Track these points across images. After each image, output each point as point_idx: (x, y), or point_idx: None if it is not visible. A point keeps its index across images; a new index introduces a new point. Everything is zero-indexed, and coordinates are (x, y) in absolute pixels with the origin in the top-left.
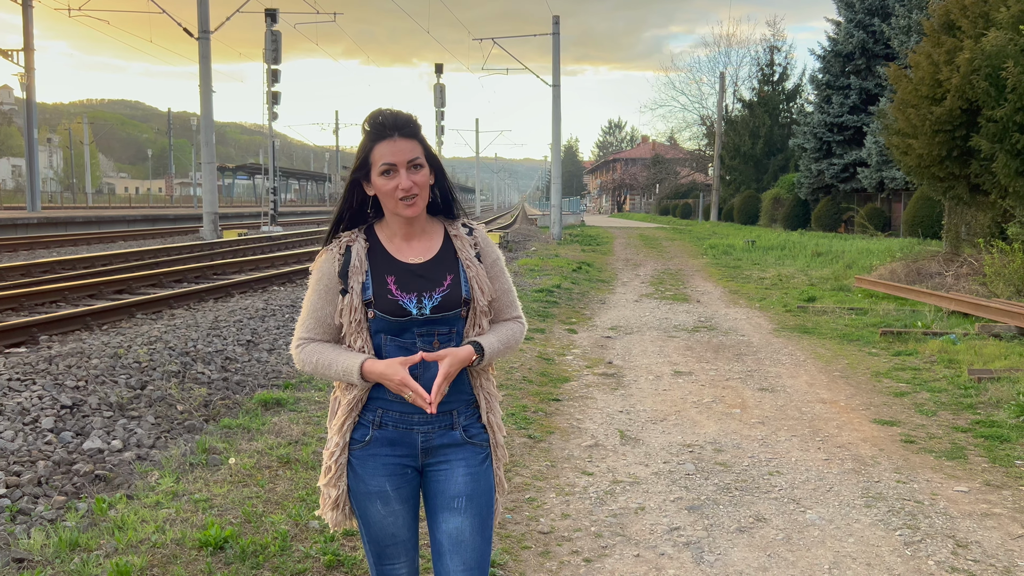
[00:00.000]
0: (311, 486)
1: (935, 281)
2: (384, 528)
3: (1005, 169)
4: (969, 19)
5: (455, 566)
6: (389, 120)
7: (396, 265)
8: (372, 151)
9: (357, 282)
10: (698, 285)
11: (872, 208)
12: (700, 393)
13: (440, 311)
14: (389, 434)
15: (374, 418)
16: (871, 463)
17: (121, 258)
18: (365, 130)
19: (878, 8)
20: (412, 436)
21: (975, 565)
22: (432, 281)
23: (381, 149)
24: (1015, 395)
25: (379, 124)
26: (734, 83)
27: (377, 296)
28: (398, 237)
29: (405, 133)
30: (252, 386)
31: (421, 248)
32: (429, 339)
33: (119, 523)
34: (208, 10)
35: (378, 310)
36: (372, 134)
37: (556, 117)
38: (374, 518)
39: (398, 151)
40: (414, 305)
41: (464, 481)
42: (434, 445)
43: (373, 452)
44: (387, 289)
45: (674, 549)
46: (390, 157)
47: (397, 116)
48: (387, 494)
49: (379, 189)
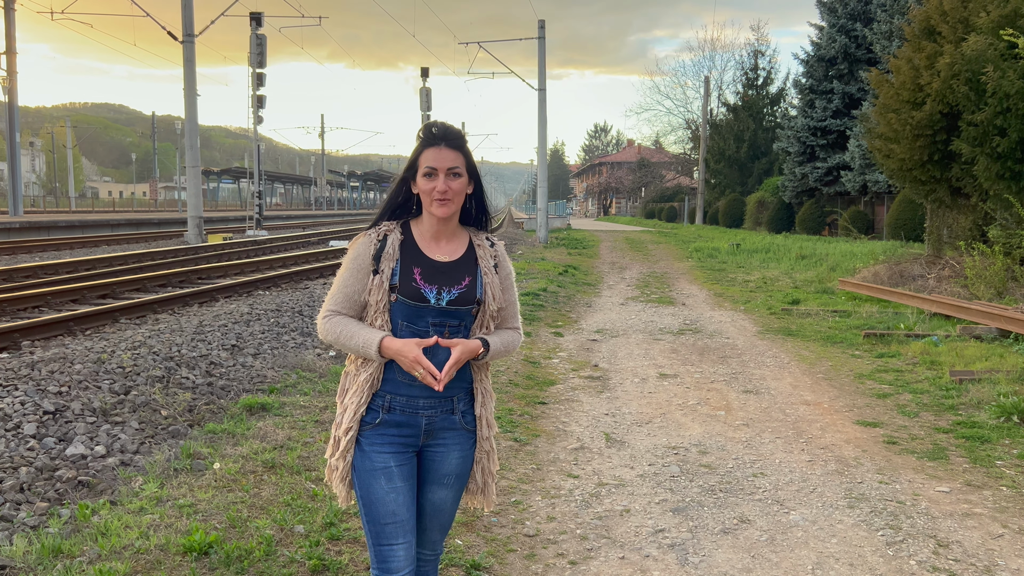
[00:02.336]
0: (296, 491)
1: (917, 283)
2: (386, 505)
3: (985, 172)
4: (949, 24)
5: (432, 527)
6: (439, 131)
7: (423, 259)
8: (420, 155)
9: (388, 267)
10: (683, 288)
11: (855, 211)
12: (685, 395)
13: (455, 305)
14: (397, 417)
15: (383, 403)
16: (854, 464)
17: (105, 263)
18: (419, 137)
19: (860, 13)
20: (417, 419)
21: (956, 564)
22: (452, 279)
23: (428, 155)
24: (995, 396)
25: (430, 133)
26: (719, 87)
27: (402, 282)
28: (429, 235)
29: (451, 144)
30: (237, 391)
31: (448, 249)
32: (440, 329)
33: (102, 529)
34: (192, 13)
35: (400, 294)
36: (423, 141)
37: (542, 121)
38: (377, 495)
39: (441, 158)
40: (433, 296)
41: (457, 463)
42: (436, 428)
43: (381, 432)
44: (412, 278)
45: (659, 551)
46: (433, 162)
47: (446, 128)
48: (391, 471)
49: (420, 188)
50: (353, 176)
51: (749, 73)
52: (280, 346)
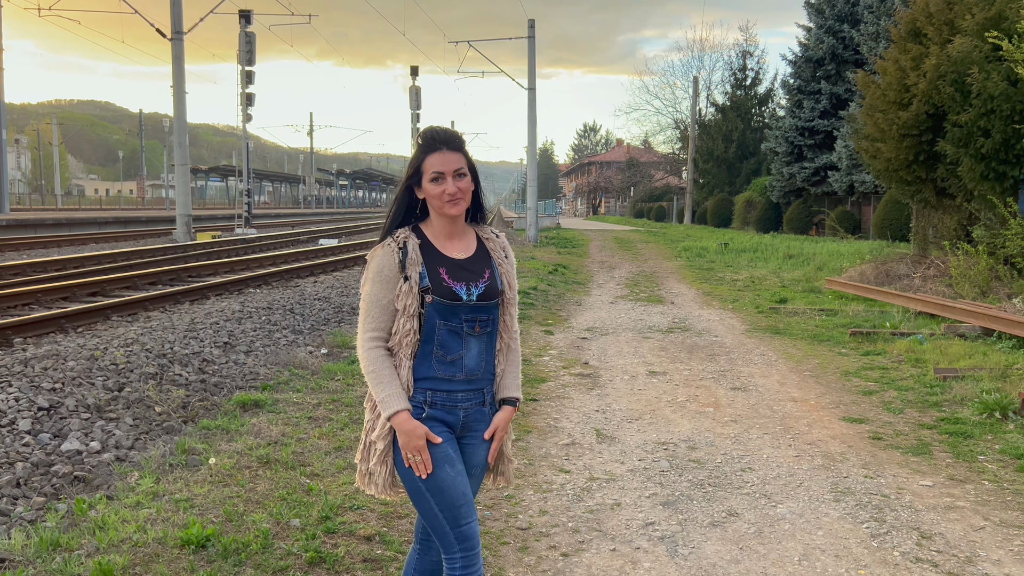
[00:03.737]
0: (291, 485)
1: (903, 283)
2: (456, 487)
3: (970, 173)
4: (935, 26)
5: None
6: (440, 135)
7: (445, 259)
8: (424, 161)
9: (415, 272)
10: (672, 287)
11: (842, 211)
12: (674, 392)
13: (484, 299)
14: (438, 412)
15: (424, 399)
16: (840, 459)
17: (94, 260)
18: (418, 143)
19: (847, 15)
20: (456, 413)
21: (938, 556)
22: (475, 273)
23: (432, 160)
24: (978, 393)
25: (432, 139)
26: (707, 87)
27: (434, 283)
28: (442, 236)
29: (452, 147)
30: (230, 387)
31: (462, 246)
32: (472, 324)
33: (100, 523)
34: (181, 10)
35: (435, 295)
36: (424, 147)
37: (531, 120)
38: (447, 481)
39: (446, 161)
40: (464, 292)
41: (484, 454)
42: (471, 420)
43: (430, 426)
44: (441, 278)
45: (649, 543)
46: (440, 166)
47: (446, 132)
48: (451, 456)
49: (428, 193)
50: (342, 174)
51: (737, 73)
52: (272, 343)
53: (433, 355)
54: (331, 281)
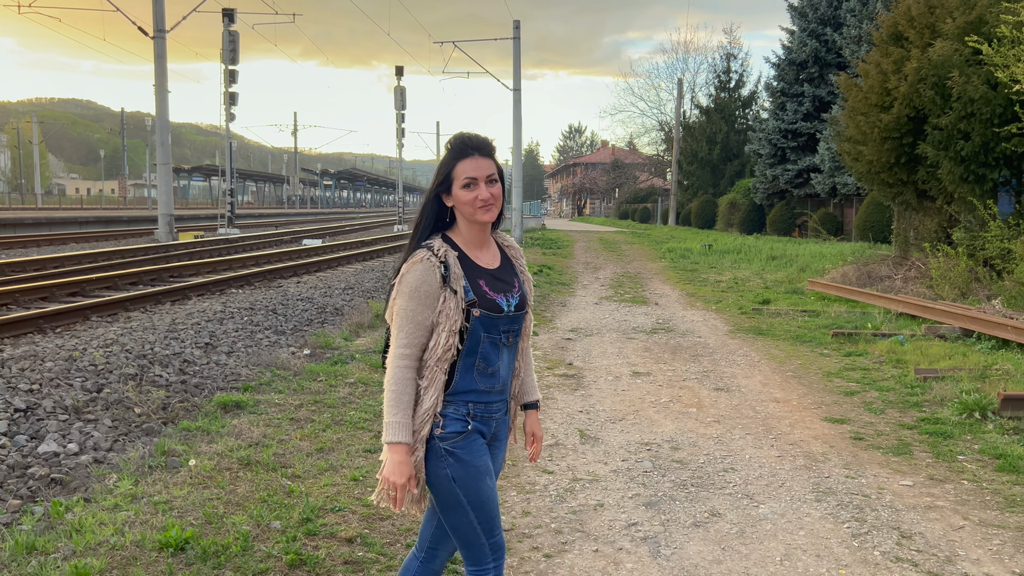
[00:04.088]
0: (272, 487)
1: (885, 284)
2: (494, 500)
3: (950, 175)
4: (916, 30)
5: None
6: (471, 141)
7: (481, 270)
8: (455, 167)
9: (459, 286)
10: (656, 288)
11: (825, 213)
12: (658, 393)
13: (519, 309)
14: (478, 424)
15: (467, 411)
16: (822, 459)
17: (74, 260)
18: (448, 149)
19: (830, 18)
20: (490, 423)
21: (918, 555)
22: (507, 284)
23: (465, 166)
24: (958, 393)
25: (463, 144)
26: (692, 89)
27: (478, 296)
28: (472, 245)
29: (483, 153)
30: (211, 389)
31: (489, 256)
32: (507, 335)
33: (76, 526)
34: (164, 8)
35: (482, 308)
36: (456, 152)
37: (517, 121)
38: (487, 494)
39: (479, 167)
40: (504, 303)
41: (502, 459)
42: (499, 429)
43: (472, 439)
44: (484, 291)
45: (632, 544)
46: (473, 172)
47: (478, 139)
48: (490, 469)
49: (460, 199)
50: (326, 174)
51: (721, 76)
52: (254, 344)
53: (475, 368)
54: (314, 282)
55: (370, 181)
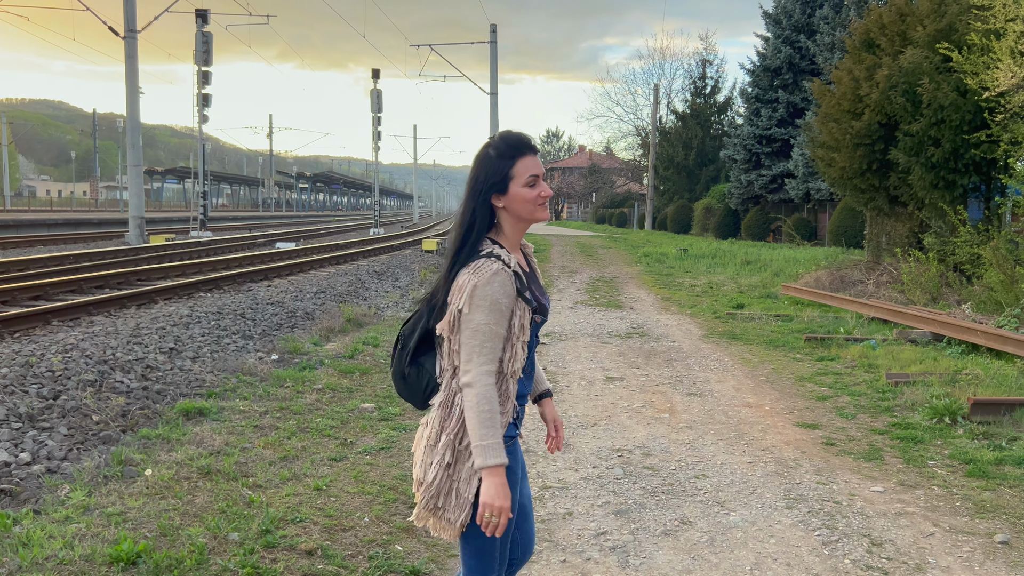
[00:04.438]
0: (232, 497)
1: (857, 289)
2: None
3: (921, 182)
4: (887, 38)
5: None
6: (528, 139)
7: (528, 275)
8: (515, 165)
9: (529, 294)
10: (632, 292)
11: (799, 218)
12: (631, 398)
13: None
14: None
15: (515, 415)
16: (793, 465)
17: (39, 263)
18: (498, 148)
19: (804, 25)
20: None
21: (888, 563)
22: (540, 285)
23: (526, 163)
24: (929, 398)
25: (519, 142)
26: (668, 95)
27: (537, 302)
28: (514, 247)
29: (535, 151)
30: (174, 395)
31: (521, 257)
32: (537, 341)
33: (24, 540)
34: (135, 8)
35: (540, 314)
36: (514, 150)
37: (494, 125)
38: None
39: (538, 165)
40: (549, 307)
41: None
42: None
43: (516, 443)
44: (536, 296)
45: (600, 554)
46: (536, 169)
47: (529, 136)
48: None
49: (522, 198)
50: (302, 177)
51: (697, 82)
52: (220, 349)
53: (524, 373)
54: (286, 285)
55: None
